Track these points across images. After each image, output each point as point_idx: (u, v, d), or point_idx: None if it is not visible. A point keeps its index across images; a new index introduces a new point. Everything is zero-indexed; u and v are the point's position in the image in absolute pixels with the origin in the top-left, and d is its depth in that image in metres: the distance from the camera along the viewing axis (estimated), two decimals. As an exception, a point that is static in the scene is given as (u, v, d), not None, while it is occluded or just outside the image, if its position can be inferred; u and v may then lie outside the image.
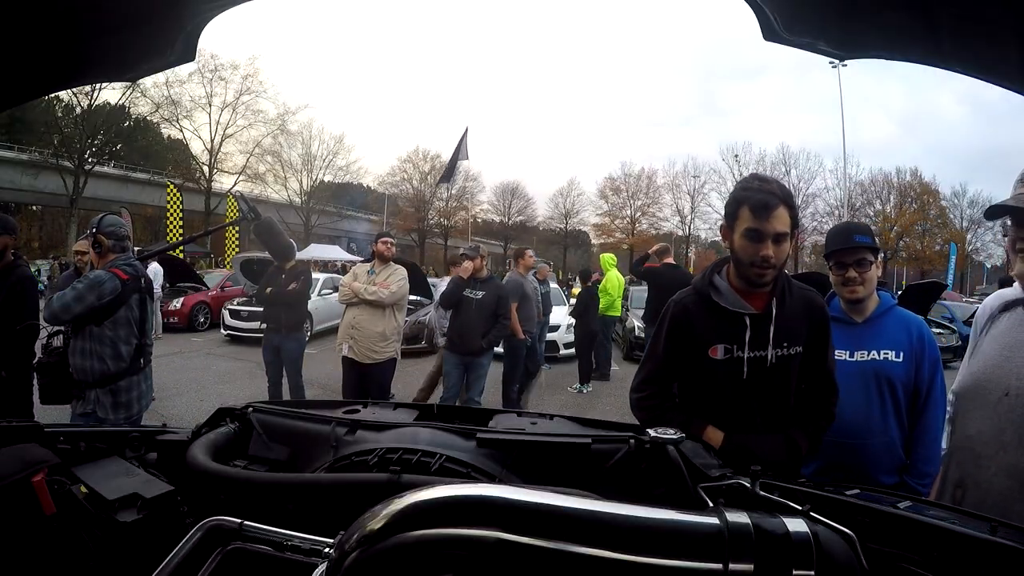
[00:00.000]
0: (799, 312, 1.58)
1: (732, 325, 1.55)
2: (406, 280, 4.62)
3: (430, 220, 43.65)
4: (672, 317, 1.63)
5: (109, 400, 2.79)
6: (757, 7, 0.94)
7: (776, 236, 1.47)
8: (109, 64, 1.15)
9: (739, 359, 1.54)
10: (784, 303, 1.55)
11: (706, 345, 1.56)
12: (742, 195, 1.50)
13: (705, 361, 1.57)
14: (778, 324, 1.54)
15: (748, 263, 1.50)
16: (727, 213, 1.56)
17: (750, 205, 1.47)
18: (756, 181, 1.54)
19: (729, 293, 1.57)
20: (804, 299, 1.60)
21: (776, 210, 1.45)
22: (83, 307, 2.70)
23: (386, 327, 4.53)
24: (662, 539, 0.61)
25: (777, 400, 1.58)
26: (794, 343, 1.56)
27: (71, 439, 1.12)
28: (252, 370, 8.30)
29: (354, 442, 1.12)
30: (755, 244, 1.47)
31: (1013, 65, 0.84)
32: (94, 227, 2.92)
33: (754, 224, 1.47)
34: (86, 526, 0.92)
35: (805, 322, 1.58)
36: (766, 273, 1.49)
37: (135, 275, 2.91)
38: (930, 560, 0.80)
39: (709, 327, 1.57)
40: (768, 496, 0.82)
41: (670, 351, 1.63)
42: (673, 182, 41.13)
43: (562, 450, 1.06)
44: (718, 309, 1.56)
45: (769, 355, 1.54)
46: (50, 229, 38.55)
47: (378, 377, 4.56)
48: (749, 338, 1.53)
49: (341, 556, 0.63)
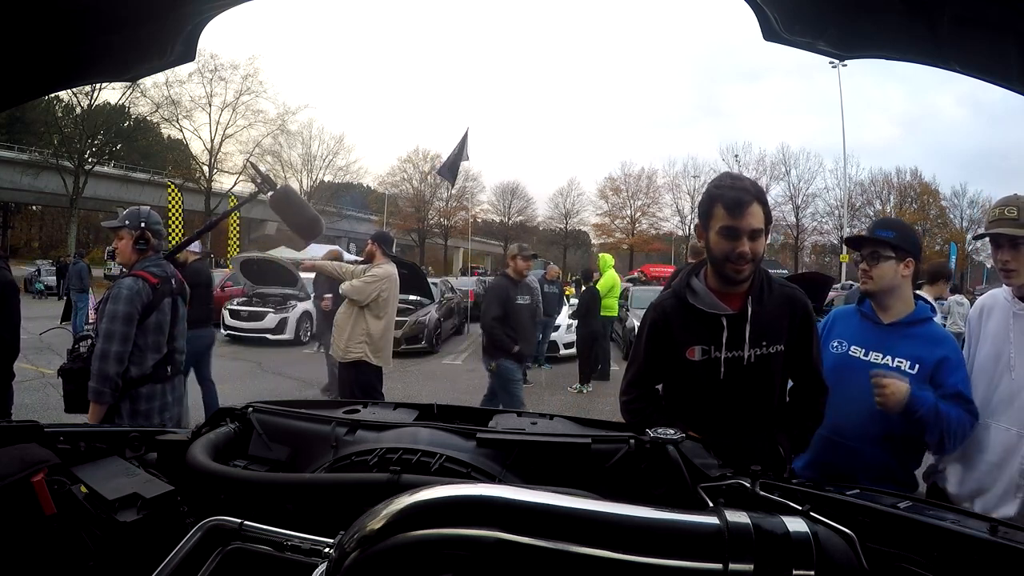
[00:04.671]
0: (779, 310, 1.57)
1: (709, 326, 1.55)
2: (379, 280, 4.36)
3: (430, 220, 43.67)
4: (651, 321, 1.65)
5: (127, 407, 2.53)
6: (756, 7, 0.94)
7: (751, 232, 1.47)
8: (109, 64, 1.14)
9: (716, 360, 1.54)
10: (762, 301, 1.55)
11: (684, 347, 1.57)
12: (715, 193, 1.50)
13: (683, 363, 1.57)
14: (755, 322, 1.53)
15: (724, 259, 1.50)
16: (701, 212, 1.57)
17: (724, 203, 1.48)
18: (728, 179, 1.55)
19: (705, 294, 1.57)
20: (785, 296, 1.59)
21: (750, 207, 1.46)
22: (125, 345, 2.42)
23: (354, 328, 4.39)
24: (662, 539, 0.61)
25: (757, 400, 1.57)
26: (774, 341, 1.55)
27: (71, 439, 1.12)
28: (252, 370, 8.31)
29: (354, 442, 1.12)
30: (731, 241, 1.48)
31: (1013, 65, 0.84)
32: (142, 221, 2.60)
33: (729, 221, 1.47)
34: (86, 526, 0.92)
35: (786, 320, 1.57)
36: (743, 269, 1.50)
37: (165, 276, 2.62)
38: (930, 560, 0.80)
39: (686, 329, 1.58)
40: (768, 496, 0.82)
41: (650, 354, 1.65)
42: (673, 182, 41.31)
43: (562, 450, 1.06)
44: (694, 311, 1.56)
45: (746, 354, 1.53)
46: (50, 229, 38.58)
47: (355, 377, 4.46)
48: (726, 338, 1.53)
49: (341, 556, 0.63)
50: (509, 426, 1.20)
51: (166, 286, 2.61)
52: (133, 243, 2.61)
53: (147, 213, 2.67)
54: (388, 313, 4.47)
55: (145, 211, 2.69)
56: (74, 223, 28.94)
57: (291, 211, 2.67)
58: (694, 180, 40.37)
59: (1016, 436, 1.64)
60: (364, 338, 4.38)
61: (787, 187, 37.92)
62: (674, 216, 41.61)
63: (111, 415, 2.47)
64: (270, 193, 2.68)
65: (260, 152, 33.82)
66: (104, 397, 2.39)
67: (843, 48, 0.97)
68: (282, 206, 2.63)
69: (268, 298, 11.01)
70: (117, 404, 2.48)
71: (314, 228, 2.79)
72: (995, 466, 1.68)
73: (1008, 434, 1.66)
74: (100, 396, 2.39)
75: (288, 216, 2.66)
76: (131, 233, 2.61)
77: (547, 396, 7.32)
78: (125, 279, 2.54)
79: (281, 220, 2.73)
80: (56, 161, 28.01)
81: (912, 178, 37.82)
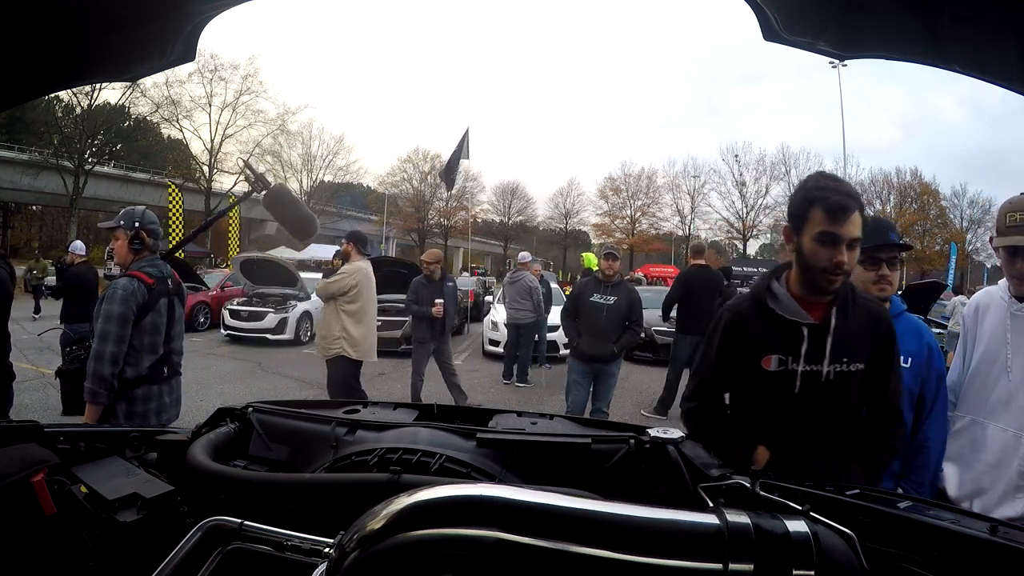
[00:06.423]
0: (863, 326, 1.46)
1: (788, 335, 1.45)
2: (346, 276, 4.54)
3: (430, 220, 43.65)
4: (726, 322, 1.54)
5: (123, 408, 2.51)
6: (756, 7, 0.94)
7: (851, 241, 1.37)
8: (109, 64, 1.14)
9: (792, 372, 1.44)
10: (846, 314, 1.44)
11: (759, 354, 1.47)
12: (815, 195, 1.39)
13: (757, 372, 1.47)
14: (837, 337, 1.43)
15: (819, 269, 1.39)
16: (794, 213, 1.44)
17: (825, 207, 1.37)
18: (830, 181, 1.43)
19: (787, 300, 1.47)
20: (869, 312, 1.49)
21: (852, 214, 1.36)
22: (120, 346, 2.41)
23: (331, 326, 4.56)
24: (662, 539, 0.61)
25: (832, 421, 1.46)
26: (855, 359, 1.44)
27: (71, 439, 1.12)
28: (252, 370, 8.30)
29: (354, 442, 1.12)
30: (828, 249, 1.37)
31: (1013, 65, 0.84)
32: (136, 221, 2.58)
33: (828, 227, 1.37)
34: (86, 526, 0.92)
35: (869, 338, 1.46)
36: (836, 280, 1.40)
37: (161, 276, 2.60)
38: (930, 560, 0.80)
39: (763, 335, 1.48)
40: (768, 496, 0.82)
41: (722, 359, 1.55)
42: (673, 182, 41.25)
43: (562, 450, 1.06)
44: (774, 317, 1.47)
45: (825, 370, 1.43)
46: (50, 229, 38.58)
47: (332, 372, 4.61)
48: (805, 350, 1.43)
49: (341, 556, 0.63)
50: (509, 426, 1.20)
51: (162, 286, 2.59)
52: (129, 243, 2.59)
53: (142, 213, 2.65)
54: (362, 307, 4.56)
55: (140, 211, 2.67)
56: (74, 223, 28.86)
57: (285, 210, 2.67)
58: (694, 180, 40.43)
59: (1014, 437, 1.64)
60: (341, 334, 4.52)
61: (787, 187, 37.88)
62: (674, 216, 41.62)
63: (107, 416, 2.45)
64: (264, 192, 2.66)
65: (260, 152, 33.83)
66: (100, 398, 2.38)
67: (843, 48, 0.97)
68: (276, 205, 2.62)
69: (268, 298, 11.00)
70: (113, 405, 2.46)
71: (308, 227, 2.80)
72: (993, 467, 1.68)
73: (1005, 435, 1.66)
74: (96, 397, 2.38)
75: (282, 215, 2.66)
76: (127, 233, 2.59)
77: (547, 396, 7.31)
78: (120, 279, 2.52)
79: (276, 218, 2.73)
80: (56, 161, 27.98)
81: (912, 178, 37.80)
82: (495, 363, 8.55)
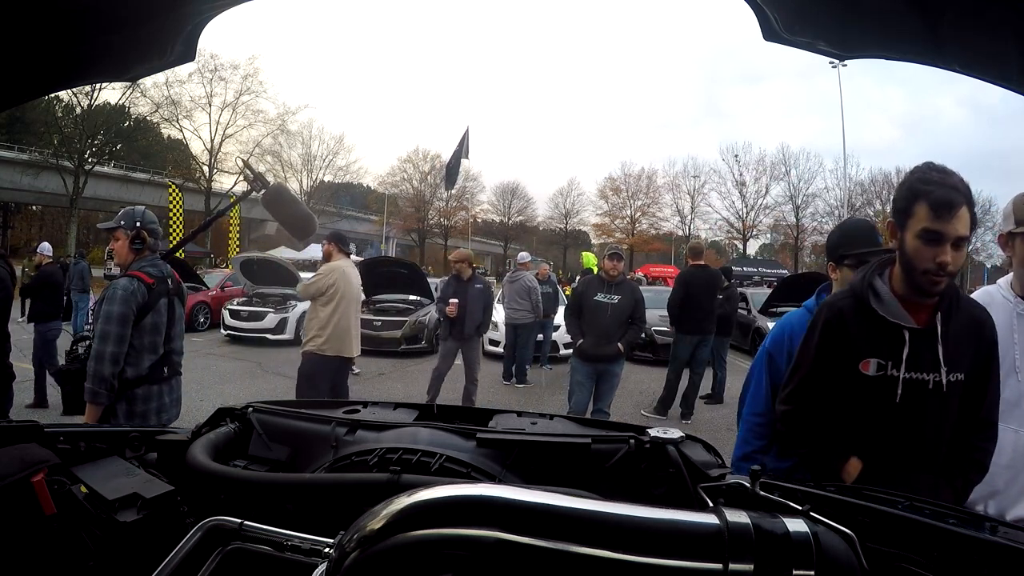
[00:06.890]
0: (966, 332, 1.37)
1: (888, 338, 1.36)
2: (323, 276, 4.58)
3: (430, 220, 43.67)
4: (824, 321, 1.45)
5: (123, 408, 2.51)
6: (757, 7, 0.94)
7: (957, 240, 1.27)
8: (109, 64, 1.14)
9: (893, 379, 1.36)
10: (950, 319, 1.36)
11: (858, 357, 1.38)
12: (920, 188, 1.29)
13: (854, 376, 1.39)
14: (945, 344, 1.34)
15: (922, 270, 1.30)
16: (897, 208, 1.34)
17: (930, 202, 1.27)
18: (936, 173, 1.30)
19: (891, 301, 1.37)
20: (972, 318, 1.39)
21: (960, 209, 1.26)
22: (121, 346, 2.41)
23: (310, 322, 4.62)
24: (662, 539, 0.61)
25: (931, 434, 1.37)
26: (956, 368, 1.35)
27: (71, 439, 1.12)
28: (252, 370, 8.30)
29: (354, 442, 1.12)
30: (932, 248, 1.28)
31: (1013, 65, 0.84)
32: (136, 221, 2.58)
33: (933, 224, 1.27)
34: (86, 526, 0.92)
35: (973, 345, 1.38)
36: (941, 281, 1.30)
37: (161, 276, 2.60)
38: (930, 560, 0.80)
39: (863, 337, 1.39)
40: (768, 496, 0.82)
41: (820, 359, 1.45)
42: (673, 182, 41.27)
43: (562, 450, 1.06)
44: (875, 318, 1.37)
45: (929, 379, 1.35)
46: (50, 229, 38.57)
47: (300, 364, 4.61)
48: (907, 355, 1.35)
49: (341, 556, 0.63)
50: (509, 426, 1.21)
51: (162, 286, 2.58)
52: (129, 243, 2.59)
53: (142, 213, 2.65)
54: (336, 303, 4.55)
55: (140, 211, 2.66)
56: (74, 223, 28.88)
57: (283, 209, 2.64)
58: (694, 180, 40.44)
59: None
60: (316, 331, 4.55)
61: (787, 187, 37.93)
62: (674, 216, 41.63)
63: (107, 416, 2.45)
64: (263, 191, 2.64)
65: (260, 152, 33.82)
66: (100, 398, 2.38)
67: (843, 48, 0.97)
68: (274, 204, 2.60)
69: (268, 298, 11.00)
70: (113, 405, 2.46)
71: (307, 226, 2.77)
72: (1007, 468, 1.66)
73: (1018, 435, 1.64)
74: (96, 397, 2.38)
75: (281, 214, 2.64)
76: (127, 233, 2.59)
77: (547, 396, 7.31)
78: (120, 279, 2.51)
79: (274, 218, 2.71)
80: (56, 161, 27.97)
81: (912, 178, 37.75)
82: (495, 363, 8.54)
